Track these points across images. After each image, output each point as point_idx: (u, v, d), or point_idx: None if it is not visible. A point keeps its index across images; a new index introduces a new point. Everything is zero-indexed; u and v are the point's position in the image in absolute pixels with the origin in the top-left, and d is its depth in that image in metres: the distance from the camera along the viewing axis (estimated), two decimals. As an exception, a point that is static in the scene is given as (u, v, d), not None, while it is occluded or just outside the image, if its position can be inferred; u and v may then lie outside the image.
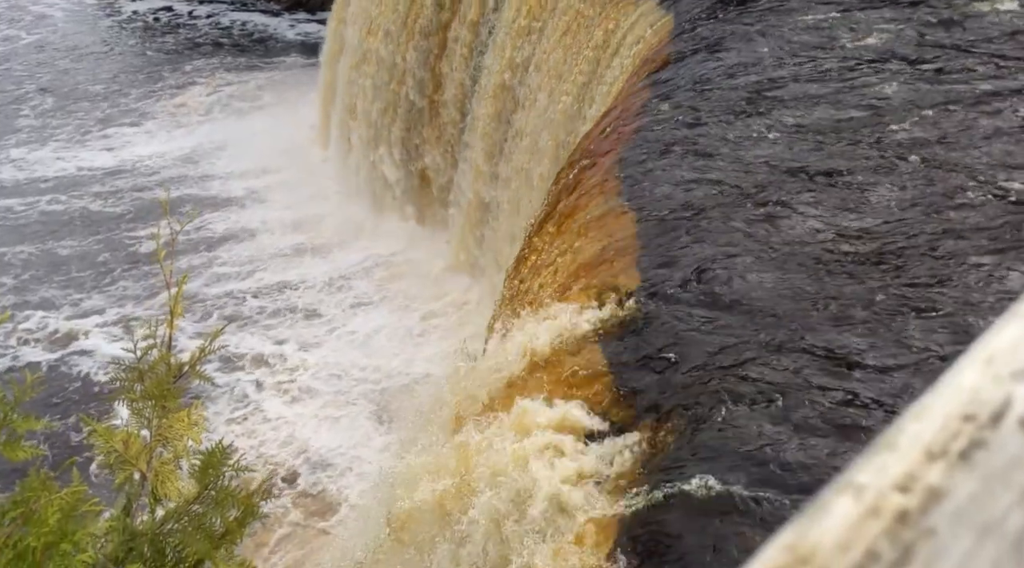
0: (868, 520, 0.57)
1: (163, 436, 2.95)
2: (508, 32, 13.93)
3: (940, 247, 5.33)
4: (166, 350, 3.04)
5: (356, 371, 14.46)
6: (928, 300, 4.89)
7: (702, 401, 4.40)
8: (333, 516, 11.65)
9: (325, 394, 13.98)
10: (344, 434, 13.08)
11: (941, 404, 0.65)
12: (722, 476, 3.91)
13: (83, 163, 22.38)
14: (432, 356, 14.42)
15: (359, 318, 15.94)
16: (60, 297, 16.71)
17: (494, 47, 14.56)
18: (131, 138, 23.63)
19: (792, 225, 5.70)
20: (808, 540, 0.56)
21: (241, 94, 25.93)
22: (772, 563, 0.56)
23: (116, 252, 18.23)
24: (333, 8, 20.34)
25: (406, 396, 13.37)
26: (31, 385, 2.67)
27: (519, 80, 13.60)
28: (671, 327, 4.99)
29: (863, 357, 4.54)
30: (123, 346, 11.64)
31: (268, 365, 14.69)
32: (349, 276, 17.19)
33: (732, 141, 6.82)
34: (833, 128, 6.75)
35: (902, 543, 0.56)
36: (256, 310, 16.18)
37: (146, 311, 16.17)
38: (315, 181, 20.47)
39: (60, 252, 18.38)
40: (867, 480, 0.60)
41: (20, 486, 2.42)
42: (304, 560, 10.85)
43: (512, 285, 7.49)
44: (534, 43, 13.30)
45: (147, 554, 2.78)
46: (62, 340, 15.50)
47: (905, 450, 0.62)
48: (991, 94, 6.88)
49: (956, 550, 0.56)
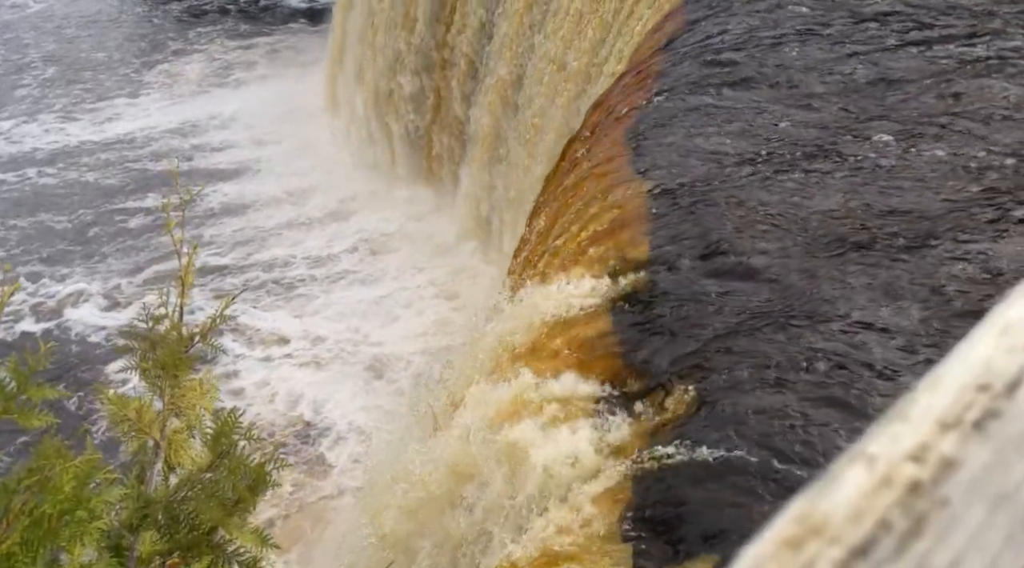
0: (880, 490, 0.57)
1: (175, 405, 2.97)
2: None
3: (958, 220, 5.29)
4: (178, 320, 3.05)
5: (355, 338, 14.50)
6: (945, 273, 4.86)
7: (711, 371, 4.40)
8: (325, 478, 11.76)
9: (325, 360, 14.06)
10: (338, 394, 13.16)
11: (955, 374, 0.65)
12: (731, 445, 3.92)
13: (83, 135, 22.30)
14: (435, 324, 14.46)
15: (360, 286, 15.96)
16: (49, 270, 16.74)
17: (505, 15, 14.42)
18: (131, 108, 23.52)
19: (806, 196, 5.66)
20: (820, 511, 0.56)
21: (246, 61, 25.75)
22: (783, 534, 0.56)
23: (106, 226, 18.19)
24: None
25: (404, 362, 13.46)
26: (45, 354, 2.68)
27: (530, 45, 13.48)
28: (681, 297, 4.98)
29: (875, 329, 4.52)
30: (119, 315, 11.78)
31: (263, 336, 14.74)
32: (355, 245, 17.18)
33: (746, 110, 6.75)
34: (853, 98, 6.67)
35: (914, 513, 0.56)
36: (257, 282, 16.19)
37: (131, 283, 16.20)
38: (322, 149, 20.38)
39: (50, 224, 18.35)
40: (879, 450, 0.60)
41: (35, 454, 2.45)
42: (291, 515, 10.94)
43: (521, 254, 7.48)
44: (544, 6, 13.16)
45: (161, 521, 2.82)
46: (53, 312, 15.59)
47: (918, 421, 0.61)
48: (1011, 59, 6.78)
49: (969, 520, 0.56)
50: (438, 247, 16.60)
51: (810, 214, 5.46)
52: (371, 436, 12.18)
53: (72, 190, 19.67)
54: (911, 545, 0.54)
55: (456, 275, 15.81)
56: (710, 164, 6.14)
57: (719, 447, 3.93)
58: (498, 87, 14.35)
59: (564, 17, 12.35)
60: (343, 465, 11.97)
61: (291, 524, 11.08)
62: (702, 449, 3.95)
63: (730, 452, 3.89)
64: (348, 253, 17.00)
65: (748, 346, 4.51)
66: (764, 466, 3.80)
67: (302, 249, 17.19)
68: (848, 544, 0.54)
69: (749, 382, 4.28)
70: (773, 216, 5.48)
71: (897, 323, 4.55)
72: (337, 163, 19.79)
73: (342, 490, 11.44)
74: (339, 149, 20.17)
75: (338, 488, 11.54)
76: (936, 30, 7.36)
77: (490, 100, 14.66)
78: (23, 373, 2.49)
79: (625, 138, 6.83)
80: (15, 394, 2.47)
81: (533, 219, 7.82)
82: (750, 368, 4.36)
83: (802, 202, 5.59)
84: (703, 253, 5.25)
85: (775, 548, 0.55)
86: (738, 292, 4.92)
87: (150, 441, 2.96)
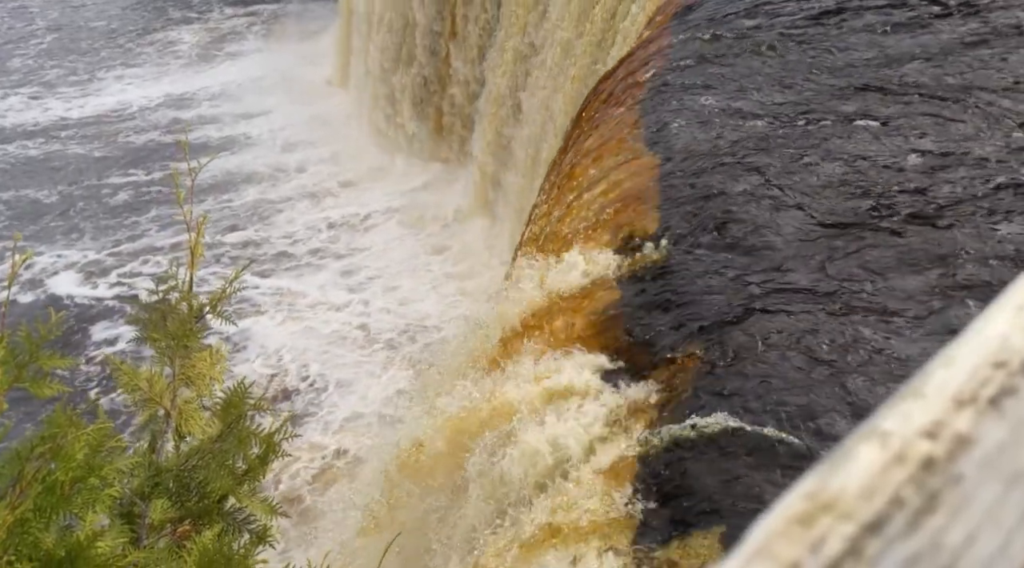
0: (893, 467, 0.57)
1: (186, 375, 2.99)
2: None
3: (978, 194, 5.24)
4: (187, 291, 3.06)
5: (360, 307, 14.53)
6: (961, 248, 4.83)
7: (720, 344, 4.40)
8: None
9: (330, 322, 14.12)
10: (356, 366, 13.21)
11: (971, 351, 0.64)
12: (740, 418, 3.92)
13: (84, 106, 22.14)
14: (445, 296, 14.47)
15: (371, 257, 15.95)
16: (33, 244, 16.72)
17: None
18: (123, 79, 23.33)
19: (818, 169, 5.61)
20: (831, 487, 0.56)
21: (251, 30, 25.51)
22: (794, 509, 0.55)
23: (90, 199, 18.11)
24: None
25: (416, 333, 13.49)
26: (56, 323, 2.70)
27: (541, 12, 13.34)
28: (691, 270, 4.96)
29: (888, 304, 4.50)
30: (101, 287, 11.78)
31: (277, 303, 14.78)
32: (366, 217, 17.17)
33: (757, 83, 6.69)
34: (867, 70, 6.59)
35: (928, 490, 0.55)
36: (266, 256, 16.19)
37: (110, 256, 16.17)
38: (331, 120, 20.25)
39: (34, 197, 18.28)
40: (893, 427, 0.59)
41: (47, 422, 2.47)
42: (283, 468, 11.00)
43: (531, 227, 7.46)
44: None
45: (172, 489, 2.85)
46: (35, 283, 15.61)
47: (933, 397, 0.61)
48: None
49: (983, 498, 0.55)
50: (448, 219, 16.58)
51: (822, 187, 5.42)
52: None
53: (65, 162, 19.58)
54: (924, 522, 0.54)
55: (465, 247, 15.80)
56: (721, 137, 6.09)
57: (727, 421, 3.93)
58: (512, 51, 14.22)
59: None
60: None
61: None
62: (710, 423, 3.96)
63: (738, 426, 3.90)
64: (361, 223, 17.00)
65: (757, 320, 4.49)
66: (772, 440, 3.81)
67: (312, 219, 17.17)
68: (860, 520, 0.54)
69: (758, 356, 4.27)
70: (785, 189, 5.44)
71: (910, 298, 4.52)
72: (348, 134, 19.69)
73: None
74: (349, 119, 20.06)
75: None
76: (962, 4, 7.25)
77: (503, 70, 14.55)
78: (35, 342, 2.50)
79: (636, 111, 6.78)
80: (27, 363, 2.48)
81: (543, 192, 7.79)
82: (759, 342, 4.35)
83: (814, 175, 5.55)
84: (713, 226, 5.23)
85: (786, 524, 0.54)
86: (748, 266, 4.90)
87: (160, 411, 2.99)
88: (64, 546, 2.33)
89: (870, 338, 4.29)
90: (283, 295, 14.97)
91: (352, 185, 18.07)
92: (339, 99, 20.90)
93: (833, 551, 0.52)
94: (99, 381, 12.94)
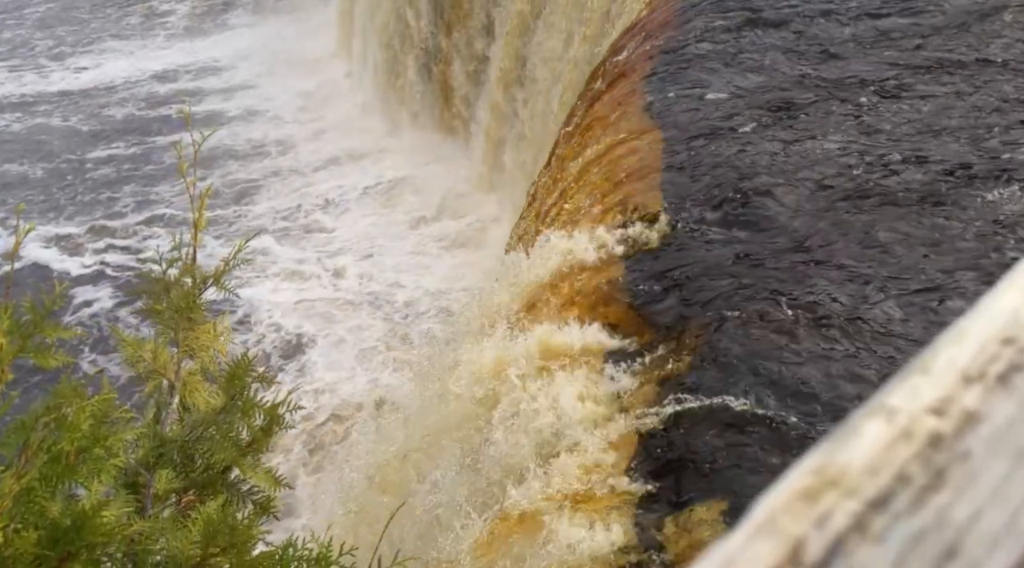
0: (900, 443, 0.56)
1: (190, 347, 2.99)
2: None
3: (981, 169, 5.21)
4: (191, 263, 3.05)
5: (361, 281, 14.54)
6: (967, 224, 4.80)
7: (724, 320, 4.40)
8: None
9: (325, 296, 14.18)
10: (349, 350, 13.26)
11: (979, 327, 0.64)
12: (742, 395, 3.93)
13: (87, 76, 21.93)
14: (447, 271, 14.47)
15: (368, 232, 15.93)
16: (10, 217, 16.62)
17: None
18: (114, 52, 23.13)
19: (822, 146, 5.58)
20: (837, 463, 0.56)
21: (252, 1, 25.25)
22: (799, 485, 0.55)
23: (73, 174, 17.96)
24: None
25: (412, 309, 13.52)
26: (60, 295, 2.70)
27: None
28: (694, 247, 4.95)
29: (891, 281, 4.49)
30: (82, 258, 11.71)
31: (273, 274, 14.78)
32: (367, 191, 17.13)
33: (764, 57, 6.63)
34: (876, 44, 6.53)
35: (934, 467, 0.55)
36: (264, 229, 16.11)
37: (80, 228, 16.06)
38: (334, 94, 20.12)
39: (15, 171, 18.15)
40: (900, 403, 0.59)
41: (52, 393, 2.48)
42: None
43: (534, 202, 7.44)
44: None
45: (176, 460, 2.86)
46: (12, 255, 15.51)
47: (940, 373, 0.60)
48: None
49: (991, 475, 0.55)
50: (452, 191, 16.52)
51: (827, 162, 5.39)
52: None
53: (50, 136, 19.38)
54: (930, 498, 0.54)
55: (468, 222, 15.77)
56: (726, 113, 6.05)
57: (731, 396, 3.94)
58: (517, 20, 14.09)
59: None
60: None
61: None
62: (714, 398, 3.97)
63: (742, 401, 3.90)
64: (361, 196, 16.96)
65: (762, 296, 4.49)
66: (776, 416, 3.82)
67: (318, 190, 17.13)
68: (865, 496, 0.54)
69: (762, 332, 4.27)
70: (789, 165, 5.41)
71: (916, 274, 4.51)
72: (350, 107, 19.56)
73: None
74: (351, 91, 19.93)
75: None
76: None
77: (507, 40, 14.43)
78: (39, 312, 2.51)
79: (640, 86, 6.73)
80: (31, 333, 2.49)
81: (547, 167, 7.76)
82: (764, 318, 4.35)
83: (819, 150, 5.51)
84: (717, 202, 5.21)
85: (790, 499, 0.54)
86: (752, 242, 4.88)
87: (165, 382, 3.00)
88: (70, 515, 2.35)
89: (879, 315, 4.29)
90: (279, 264, 15.01)
91: (359, 158, 18.00)
92: (339, 70, 20.74)
93: (838, 526, 0.52)
94: (92, 346, 12.97)
